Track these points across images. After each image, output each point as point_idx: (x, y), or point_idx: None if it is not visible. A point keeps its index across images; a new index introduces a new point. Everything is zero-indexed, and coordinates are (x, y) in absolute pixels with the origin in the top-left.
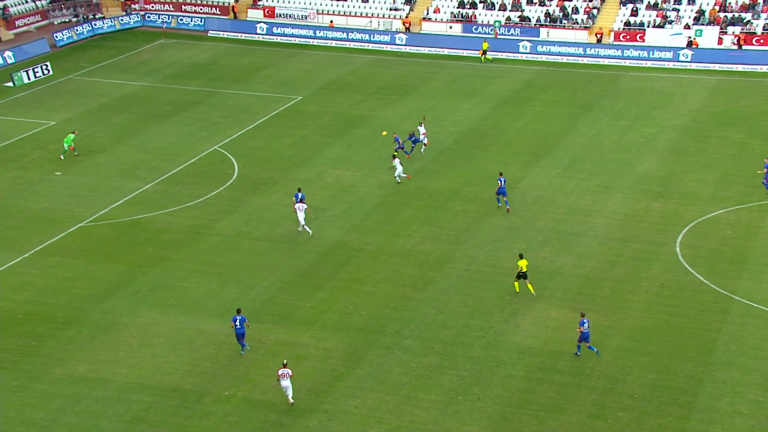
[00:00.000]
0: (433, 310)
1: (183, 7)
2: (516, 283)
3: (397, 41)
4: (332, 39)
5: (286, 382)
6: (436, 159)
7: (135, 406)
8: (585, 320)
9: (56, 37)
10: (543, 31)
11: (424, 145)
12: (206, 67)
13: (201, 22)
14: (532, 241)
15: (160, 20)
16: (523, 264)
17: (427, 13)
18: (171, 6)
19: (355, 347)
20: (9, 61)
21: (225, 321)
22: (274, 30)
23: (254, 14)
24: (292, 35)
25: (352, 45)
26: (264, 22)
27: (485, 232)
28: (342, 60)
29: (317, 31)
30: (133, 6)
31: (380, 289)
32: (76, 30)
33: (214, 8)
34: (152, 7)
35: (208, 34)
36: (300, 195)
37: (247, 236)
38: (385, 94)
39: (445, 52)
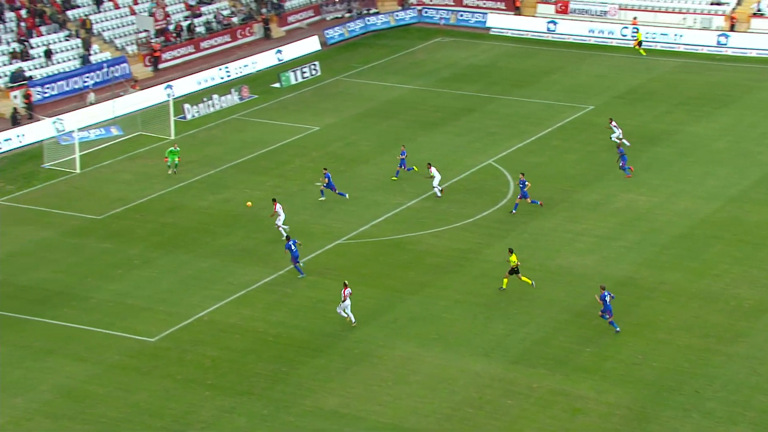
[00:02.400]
0: (745, 369)
1: (464, 1)
2: (505, 280)
3: (719, 42)
4: (634, 39)
5: (347, 302)
6: (759, 185)
7: None
8: (606, 293)
9: (327, 34)
10: None
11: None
12: (485, 69)
13: (483, 18)
14: None
15: (438, 16)
16: (513, 260)
17: (758, 9)
18: (451, 0)
19: (643, 405)
20: (278, 60)
21: (490, 361)
22: (566, 28)
23: (544, 9)
24: (587, 34)
25: (658, 46)
26: (554, 19)
27: None
28: (644, 63)
29: (617, 30)
30: (410, 0)
31: (677, 337)
32: (348, 27)
33: (498, 2)
34: (431, 1)
35: (490, 32)
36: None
37: (521, 265)
38: (695, 105)
39: None
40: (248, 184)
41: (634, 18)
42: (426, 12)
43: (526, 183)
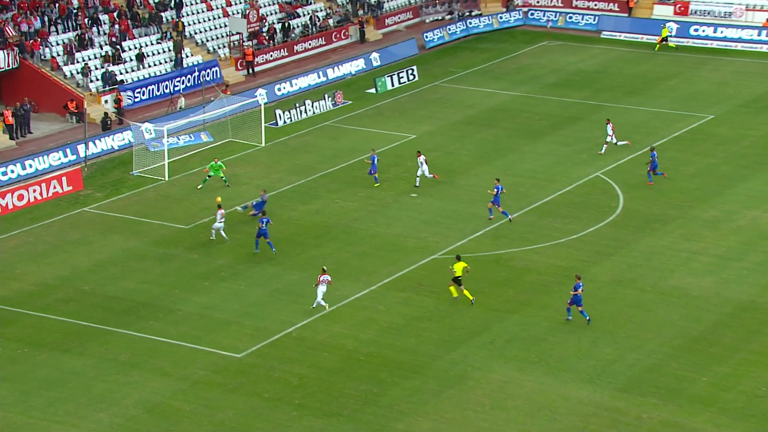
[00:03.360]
0: None
1: (574, 2)
2: (452, 288)
3: None
4: (763, 42)
5: (323, 288)
6: None
7: None
8: (580, 283)
9: (426, 37)
10: None
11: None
12: (594, 75)
13: (594, 20)
14: None
15: (544, 18)
16: (459, 268)
17: None
18: (560, 1)
19: None
20: (374, 64)
21: (596, 387)
22: (687, 30)
23: (661, 11)
24: (708, 37)
25: None
26: (672, 21)
27: None
28: None
29: (744, 33)
30: (515, 2)
31: None
32: (449, 29)
33: (611, 3)
34: (538, 2)
35: (601, 36)
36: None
37: (630, 285)
38: None
39: None
40: (340, 194)
41: (767, 20)
42: (532, 14)
43: (502, 189)
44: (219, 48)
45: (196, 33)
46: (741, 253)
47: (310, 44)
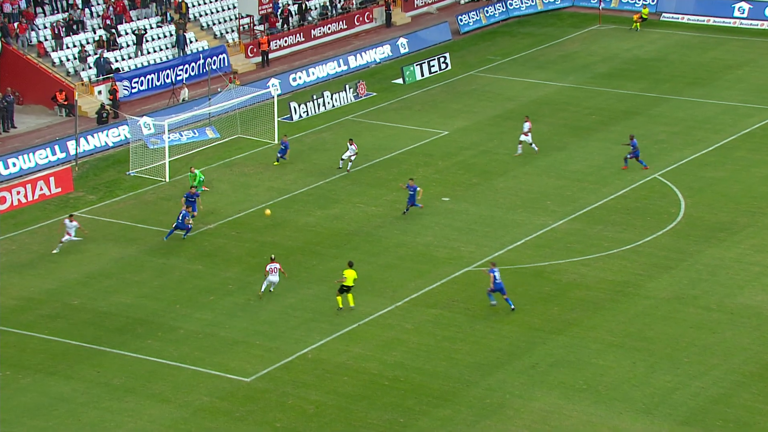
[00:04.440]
0: None
1: None
2: (339, 298)
3: None
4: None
5: (274, 278)
6: None
7: None
8: (495, 269)
9: (461, 20)
10: None
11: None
12: (652, 63)
13: (653, 0)
14: None
15: None
16: (350, 276)
17: None
18: None
19: None
20: (402, 51)
21: (654, 419)
22: (761, 11)
23: None
24: None
25: None
26: (745, 1)
27: None
28: None
29: None
30: None
31: None
32: (486, 11)
33: None
34: None
35: (661, 18)
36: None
37: (693, 303)
38: None
39: None
40: (363, 197)
41: None
42: None
43: (417, 189)
44: (227, 32)
45: (201, 15)
46: None
47: (329, 28)
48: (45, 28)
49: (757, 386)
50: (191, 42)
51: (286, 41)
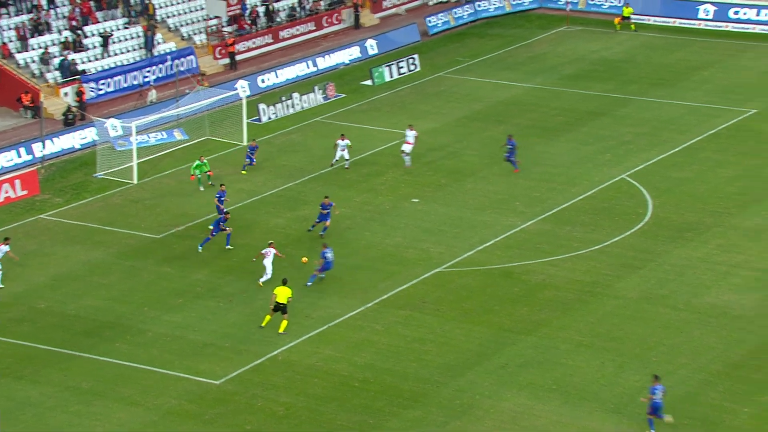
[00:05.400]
0: None
1: None
2: (268, 317)
3: None
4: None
5: (269, 267)
6: None
7: None
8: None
9: (429, 22)
10: None
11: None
12: (620, 64)
13: (619, 2)
14: None
15: (563, 0)
16: (282, 294)
17: None
18: None
19: None
20: (371, 52)
21: (622, 419)
22: (725, 13)
23: None
24: (751, 20)
25: None
26: (709, 3)
27: None
28: None
29: None
30: None
31: None
32: (455, 13)
33: None
34: None
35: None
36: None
37: (661, 303)
38: None
39: None
40: (333, 199)
41: None
42: None
43: (333, 205)
44: (195, 34)
45: (168, 17)
46: None
47: (297, 30)
48: (9, 29)
49: (724, 385)
50: (159, 43)
51: (254, 43)
